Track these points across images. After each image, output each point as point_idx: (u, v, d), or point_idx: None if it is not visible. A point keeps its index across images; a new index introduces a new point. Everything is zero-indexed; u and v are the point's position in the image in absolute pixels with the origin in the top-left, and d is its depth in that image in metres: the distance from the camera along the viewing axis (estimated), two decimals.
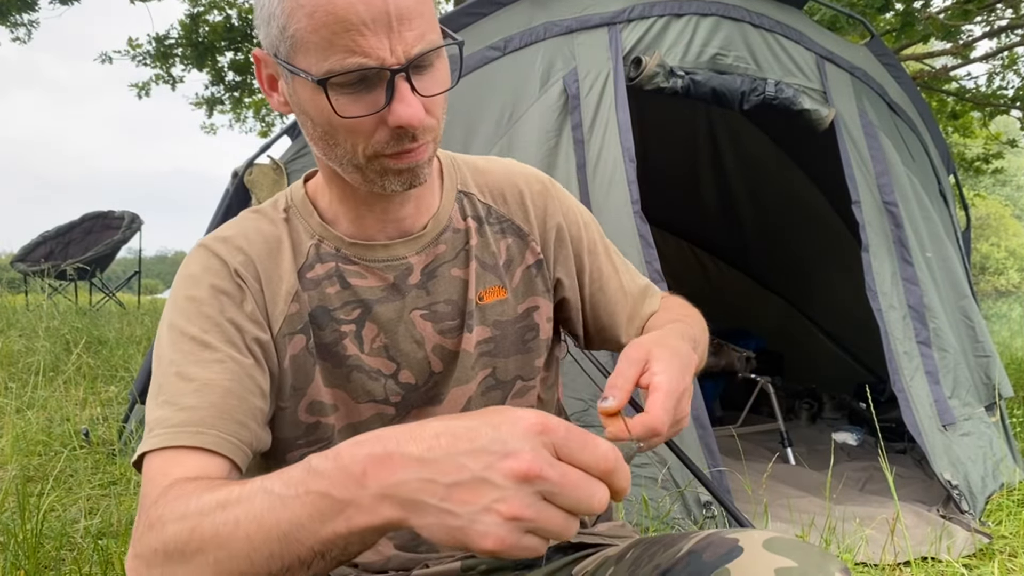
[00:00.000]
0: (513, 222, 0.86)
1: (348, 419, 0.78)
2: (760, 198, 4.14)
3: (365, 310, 0.77)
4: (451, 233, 0.82)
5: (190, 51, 7.89)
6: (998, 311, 16.56)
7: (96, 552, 1.79)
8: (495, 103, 2.20)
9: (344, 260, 0.78)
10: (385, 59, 0.64)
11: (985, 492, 2.38)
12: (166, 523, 0.56)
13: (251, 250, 0.76)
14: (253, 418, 0.68)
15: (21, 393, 3.26)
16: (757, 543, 0.67)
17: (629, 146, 2.22)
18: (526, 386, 0.84)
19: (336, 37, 0.62)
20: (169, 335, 0.71)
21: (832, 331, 4.13)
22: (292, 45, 0.65)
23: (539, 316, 0.85)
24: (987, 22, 6.55)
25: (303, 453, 0.76)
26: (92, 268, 7.05)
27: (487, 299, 0.82)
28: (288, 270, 0.76)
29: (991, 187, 22.42)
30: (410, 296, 0.79)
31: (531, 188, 0.89)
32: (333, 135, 0.69)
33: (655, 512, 1.98)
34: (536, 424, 0.46)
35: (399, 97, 0.65)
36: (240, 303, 0.72)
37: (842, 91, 2.71)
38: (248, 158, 2.44)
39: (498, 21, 2.26)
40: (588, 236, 0.92)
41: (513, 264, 0.85)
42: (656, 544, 0.78)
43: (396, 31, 0.63)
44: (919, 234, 2.70)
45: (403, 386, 0.79)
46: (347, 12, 0.62)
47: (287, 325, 0.75)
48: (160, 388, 0.68)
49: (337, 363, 0.76)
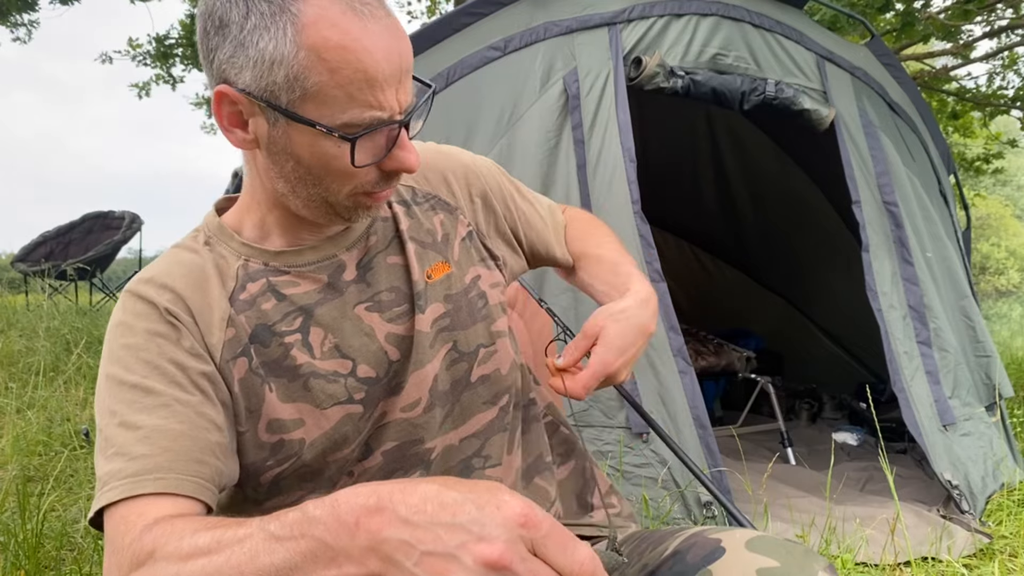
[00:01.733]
0: (440, 198, 0.89)
1: (319, 429, 0.76)
2: (760, 198, 4.14)
3: (307, 316, 0.77)
4: (380, 223, 0.83)
5: (190, 51, 7.89)
6: (998, 311, 16.55)
7: (96, 552, 1.79)
8: (495, 103, 2.21)
9: (274, 272, 0.78)
10: (395, 113, 0.68)
11: (985, 492, 2.38)
12: (157, 561, 0.56)
13: (176, 285, 0.74)
14: (211, 453, 0.67)
15: (21, 393, 3.26)
16: (740, 543, 0.68)
17: (629, 146, 2.22)
18: (489, 351, 0.84)
19: (359, 93, 0.65)
20: (108, 386, 0.70)
21: (832, 331, 4.13)
22: (303, 96, 0.66)
23: (483, 284, 0.87)
24: (987, 22, 6.55)
25: (276, 474, 0.76)
26: (92, 268, 7.04)
27: (435, 276, 0.83)
28: (217, 297, 0.75)
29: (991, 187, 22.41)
30: (349, 292, 0.79)
31: (450, 164, 0.91)
32: (321, 178, 0.70)
33: (655, 512, 1.98)
34: (519, 515, 0.47)
35: (401, 144, 0.70)
36: (177, 340, 0.71)
37: (842, 91, 2.71)
38: None
39: (498, 21, 2.26)
40: (504, 187, 0.96)
41: (450, 238, 0.87)
42: (645, 542, 0.78)
43: (402, 85, 0.68)
44: (919, 234, 2.70)
45: (364, 381, 0.78)
46: (375, 71, 0.65)
47: (227, 351, 0.74)
48: (108, 441, 0.67)
49: (291, 376, 0.75)
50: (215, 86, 0.69)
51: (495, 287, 0.88)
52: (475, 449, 0.84)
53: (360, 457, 0.79)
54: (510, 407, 0.88)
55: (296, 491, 0.78)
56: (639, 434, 2.06)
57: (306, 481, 0.78)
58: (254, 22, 0.65)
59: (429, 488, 0.49)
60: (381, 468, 0.80)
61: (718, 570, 0.66)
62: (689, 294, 4.66)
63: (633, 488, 2.01)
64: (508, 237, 0.94)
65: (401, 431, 0.79)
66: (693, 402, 2.11)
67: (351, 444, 0.78)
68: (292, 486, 0.78)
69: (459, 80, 2.20)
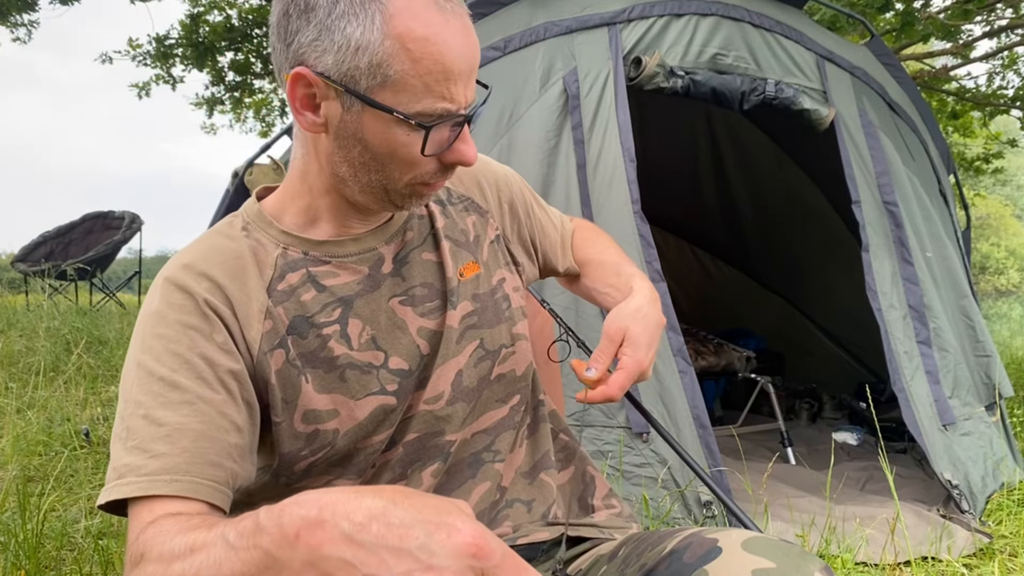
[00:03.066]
0: (473, 200, 0.92)
1: (352, 420, 0.77)
2: (760, 198, 4.14)
3: (346, 307, 0.78)
4: (416, 220, 0.85)
5: (190, 51, 7.88)
6: (998, 311, 16.55)
7: (97, 552, 1.79)
8: (495, 103, 2.21)
9: (314, 262, 0.78)
10: (462, 106, 0.70)
11: (985, 492, 2.38)
12: (147, 563, 0.57)
13: (215, 273, 0.74)
14: (228, 456, 0.68)
15: (21, 393, 3.26)
16: (736, 544, 0.68)
17: (629, 146, 2.22)
18: (508, 352, 0.87)
19: (436, 84, 0.68)
20: (137, 374, 0.70)
21: (832, 331, 4.13)
22: (383, 82, 0.67)
23: (507, 287, 0.90)
24: (987, 22, 6.55)
25: (309, 464, 0.77)
26: (92, 268, 7.04)
27: (467, 275, 0.85)
28: (256, 288, 0.75)
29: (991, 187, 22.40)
30: (386, 285, 0.80)
31: (483, 169, 0.96)
32: (385, 164, 0.72)
33: (655, 512, 1.98)
34: (470, 545, 0.45)
35: (463, 138, 0.72)
36: (210, 335, 0.71)
37: (842, 91, 2.71)
38: (248, 158, 2.45)
39: (498, 21, 2.26)
40: (525, 196, 0.99)
41: (480, 239, 0.89)
42: (644, 542, 0.79)
43: (471, 81, 0.71)
44: (919, 234, 2.70)
45: (396, 373, 0.79)
46: (453, 64, 0.68)
47: (265, 342, 0.74)
48: (129, 432, 0.67)
49: (328, 367, 0.76)
50: (290, 69, 0.70)
51: (516, 291, 0.91)
52: (486, 444, 0.86)
53: (384, 448, 0.80)
54: (521, 407, 0.90)
55: (326, 475, 0.80)
56: (639, 434, 2.07)
57: (336, 467, 0.79)
58: (343, 8, 0.66)
59: (375, 503, 0.47)
60: (401, 459, 0.81)
61: (714, 570, 0.66)
62: (689, 294, 4.66)
63: (633, 488, 2.02)
64: (527, 245, 0.98)
65: (424, 423, 0.81)
66: (693, 402, 2.11)
67: (382, 433, 0.79)
68: (323, 471, 0.79)
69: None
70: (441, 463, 0.82)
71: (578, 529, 0.88)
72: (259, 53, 8.26)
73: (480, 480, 0.85)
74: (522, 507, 0.88)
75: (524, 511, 0.88)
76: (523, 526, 0.86)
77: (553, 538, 0.86)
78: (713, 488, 0.98)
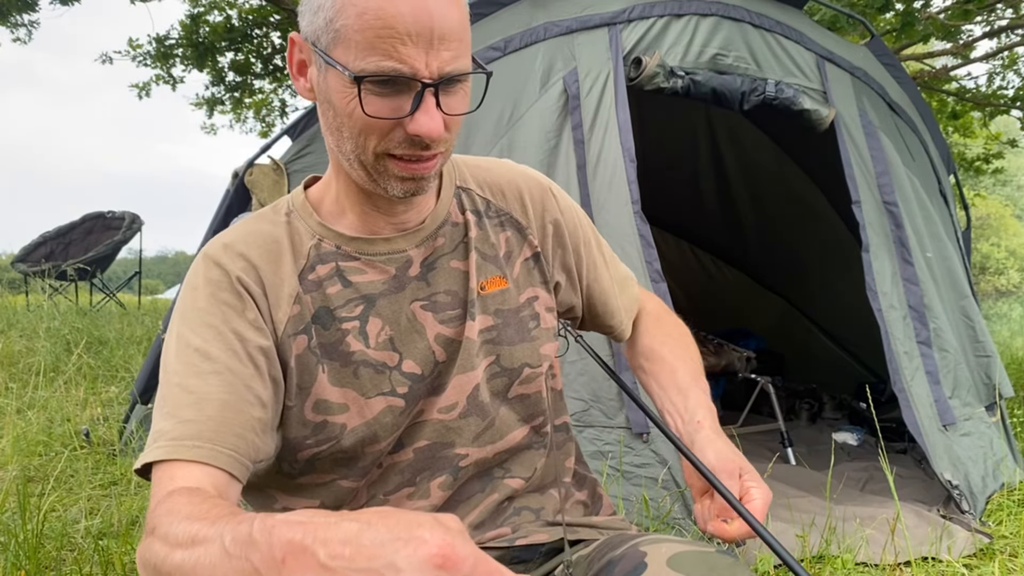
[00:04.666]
0: (512, 216, 0.89)
1: (360, 418, 0.78)
2: (760, 198, 4.14)
3: (368, 305, 0.79)
4: (450, 227, 0.84)
5: (190, 51, 7.88)
6: (998, 311, 16.55)
7: (96, 552, 1.79)
8: (495, 103, 2.21)
9: (344, 257, 0.80)
10: (419, 71, 0.67)
11: (985, 492, 2.38)
12: (155, 539, 0.58)
13: (251, 254, 0.77)
14: (251, 429, 0.70)
15: (22, 393, 3.26)
16: (663, 559, 0.69)
17: (629, 146, 2.22)
18: (533, 373, 0.85)
19: (380, 40, 0.66)
20: (176, 345, 0.73)
21: (832, 331, 4.14)
22: (335, 38, 0.68)
23: (539, 306, 0.87)
24: (987, 22, 6.55)
25: (313, 453, 0.78)
26: (92, 268, 7.05)
27: (489, 289, 0.84)
28: (289, 273, 0.78)
29: (991, 187, 22.40)
30: (410, 288, 0.81)
31: (529, 185, 0.92)
32: (351, 128, 0.71)
33: (655, 512, 1.98)
34: (436, 556, 0.44)
35: (424, 109, 0.69)
36: (242, 312, 0.74)
37: (842, 91, 2.71)
38: (248, 158, 2.45)
39: (498, 21, 2.26)
40: (583, 232, 0.95)
41: (513, 256, 0.87)
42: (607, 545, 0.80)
43: (435, 48, 0.67)
44: (919, 234, 2.70)
45: (408, 376, 0.79)
46: (395, 20, 0.65)
47: (291, 326, 0.76)
48: (164, 399, 0.71)
49: (344, 362, 0.78)
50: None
51: (550, 311, 0.89)
52: (501, 462, 0.86)
53: (392, 450, 0.81)
54: (541, 428, 0.89)
55: (330, 473, 0.80)
56: (639, 434, 2.07)
57: (340, 466, 0.80)
58: None
59: (351, 528, 0.47)
60: (411, 464, 0.81)
61: None
62: (689, 294, 4.66)
63: (633, 488, 2.02)
64: (572, 274, 0.93)
65: (435, 432, 0.81)
66: None
67: (388, 438, 0.79)
68: (327, 468, 0.80)
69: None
70: (451, 476, 0.82)
71: (577, 531, 0.88)
72: (259, 53, 8.26)
73: (489, 493, 0.85)
74: (530, 514, 0.88)
75: (532, 517, 0.88)
76: (522, 527, 0.86)
77: (552, 540, 0.86)
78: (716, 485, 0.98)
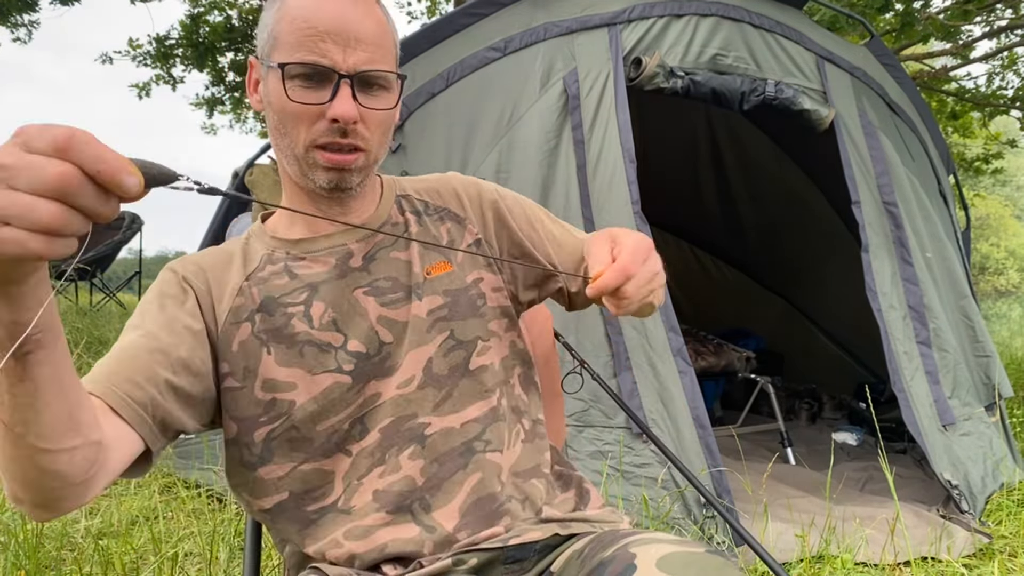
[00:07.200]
0: (449, 209, 0.98)
1: (308, 394, 0.84)
2: (760, 198, 4.15)
3: (312, 292, 0.87)
4: (390, 226, 0.94)
5: (190, 51, 7.88)
6: (998, 311, 16.55)
7: (96, 552, 1.80)
8: (495, 103, 2.21)
9: (293, 259, 0.90)
10: (337, 64, 0.79)
11: (985, 492, 2.38)
12: None
13: (204, 262, 0.89)
14: (152, 383, 0.76)
15: None
16: (652, 560, 0.70)
17: (629, 146, 2.22)
18: (485, 346, 0.92)
19: (305, 39, 0.79)
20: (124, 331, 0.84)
21: (832, 331, 4.14)
22: (273, 45, 0.81)
23: (484, 286, 0.95)
24: (987, 22, 6.56)
25: (267, 431, 0.84)
26: (92, 268, 7.05)
27: (435, 273, 0.92)
28: (236, 273, 0.88)
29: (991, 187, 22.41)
30: (351, 276, 0.89)
31: (463, 183, 1.02)
32: (285, 123, 0.82)
33: (655, 512, 1.98)
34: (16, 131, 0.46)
35: (341, 96, 0.80)
36: (182, 303, 0.84)
37: (842, 91, 2.71)
38: (248, 158, 2.45)
39: (498, 21, 2.26)
40: (531, 210, 1.03)
41: (455, 243, 0.96)
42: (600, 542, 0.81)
43: (351, 47, 0.80)
44: (919, 234, 2.70)
45: (353, 355, 0.86)
46: (318, 22, 0.79)
47: (232, 316, 0.85)
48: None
49: (289, 343, 0.85)
50: None
51: (497, 291, 0.96)
52: (476, 433, 0.88)
53: (358, 436, 0.85)
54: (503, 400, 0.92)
55: (288, 461, 0.84)
56: (639, 434, 2.07)
57: (296, 451, 0.84)
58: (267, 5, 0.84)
59: None
60: (379, 445, 0.85)
61: None
62: (689, 294, 4.66)
63: (633, 488, 2.02)
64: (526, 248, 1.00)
65: (396, 407, 0.86)
66: (693, 402, 2.11)
67: (339, 414, 0.84)
68: (284, 454, 0.84)
69: (459, 80, 2.20)
70: (418, 445, 0.85)
71: (569, 526, 0.89)
72: None
73: (472, 471, 0.86)
74: (517, 505, 0.89)
75: (520, 509, 0.88)
76: (516, 525, 0.86)
77: (545, 538, 0.86)
78: (705, 493, 0.99)
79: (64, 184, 0.45)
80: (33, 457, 0.60)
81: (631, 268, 0.76)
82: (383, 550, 0.82)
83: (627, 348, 2.11)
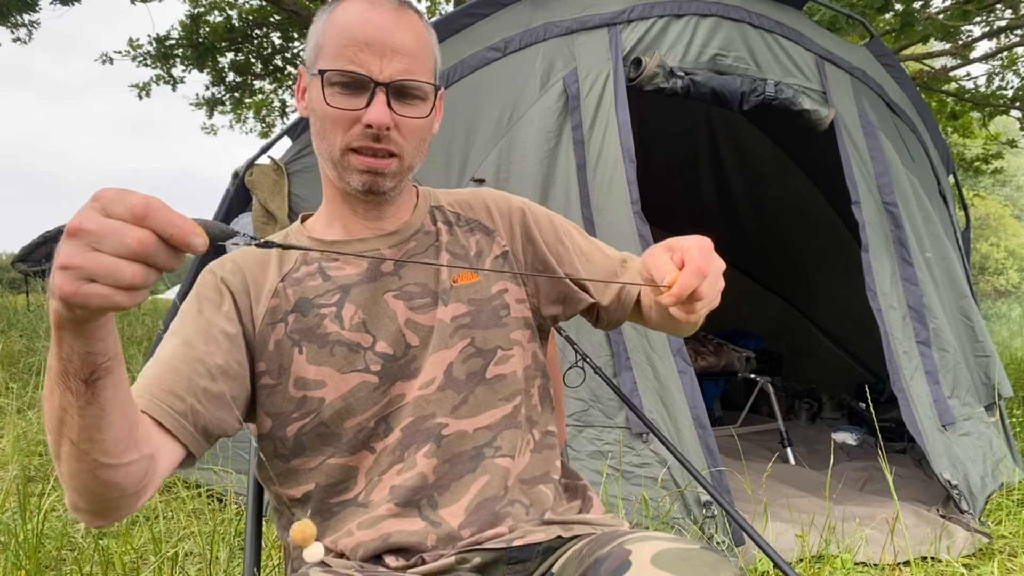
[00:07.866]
0: (480, 222, 1.01)
1: (336, 391, 0.87)
2: (760, 198, 4.15)
3: (344, 294, 0.90)
4: (422, 234, 0.97)
5: (191, 52, 7.88)
6: (998, 311, 16.54)
7: (96, 552, 1.80)
8: (495, 103, 2.21)
9: (327, 259, 0.93)
10: (373, 73, 0.84)
11: (985, 492, 2.38)
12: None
13: (242, 262, 0.92)
14: (192, 393, 0.78)
15: (22, 393, 3.26)
16: (647, 557, 0.72)
17: (629, 146, 2.23)
18: (505, 355, 0.94)
19: (345, 49, 0.84)
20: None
21: (832, 331, 4.14)
22: (318, 54, 0.87)
23: (509, 297, 0.97)
24: (987, 22, 6.56)
25: (298, 427, 0.87)
26: None
27: (461, 281, 0.95)
28: (273, 274, 0.91)
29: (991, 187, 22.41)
30: (382, 280, 0.92)
31: (494, 197, 1.05)
32: (324, 127, 0.87)
33: (655, 512, 1.99)
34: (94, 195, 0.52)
35: (375, 103, 0.84)
36: (218, 306, 0.87)
37: (842, 91, 2.71)
38: (249, 158, 2.45)
39: (498, 22, 2.26)
40: (561, 225, 1.05)
41: (483, 255, 0.99)
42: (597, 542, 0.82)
43: (388, 58, 0.84)
44: (919, 234, 2.70)
45: (381, 356, 0.88)
46: (358, 32, 0.84)
47: (268, 316, 0.88)
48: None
49: (321, 343, 0.88)
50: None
51: (521, 302, 0.98)
52: (487, 440, 0.90)
53: (383, 434, 0.88)
54: (521, 409, 0.94)
55: (319, 454, 0.88)
56: (639, 434, 2.07)
57: (325, 444, 0.88)
58: (316, 15, 0.90)
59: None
60: (400, 443, 0.87)
61: None
62: None
63: (633, 488, 2.02)
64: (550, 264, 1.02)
65: (416, 407, 0.88)
66: (693, 402, 2.11)
67: (365, 412, 0.87)
68: (315, 447, 0.88)
69: (459, 81, 2.20)
70: (434, 444, 0.87)
71: (571, 528, 0.90)
72: (259, 54, 8.25)
73: (480, 474, 0.88)
74: (521, 509, 0.90)
75: (523, 512, 0.89)
76: (520, 526, 0.87)
77: (548, 539, 0.87)
78: (710, 490, 0.99)
79: (144, 249, 0.51)
80: (95, 471, 0.65)
81: (704, 268, 0.75)
82: (387, 539, 0.84)
83: (627, 348, 2.11)
